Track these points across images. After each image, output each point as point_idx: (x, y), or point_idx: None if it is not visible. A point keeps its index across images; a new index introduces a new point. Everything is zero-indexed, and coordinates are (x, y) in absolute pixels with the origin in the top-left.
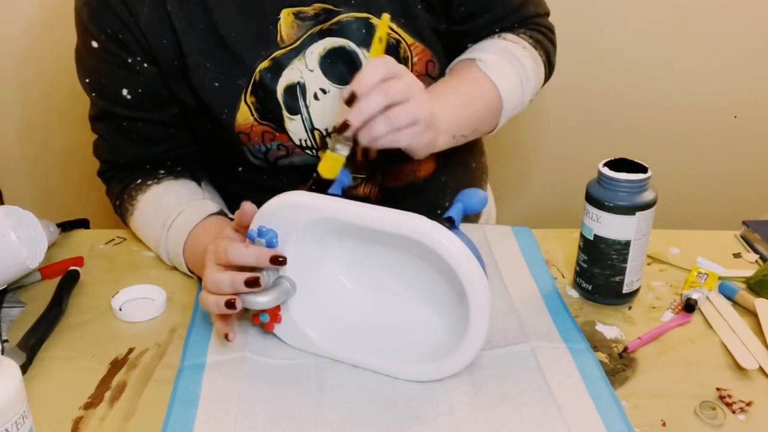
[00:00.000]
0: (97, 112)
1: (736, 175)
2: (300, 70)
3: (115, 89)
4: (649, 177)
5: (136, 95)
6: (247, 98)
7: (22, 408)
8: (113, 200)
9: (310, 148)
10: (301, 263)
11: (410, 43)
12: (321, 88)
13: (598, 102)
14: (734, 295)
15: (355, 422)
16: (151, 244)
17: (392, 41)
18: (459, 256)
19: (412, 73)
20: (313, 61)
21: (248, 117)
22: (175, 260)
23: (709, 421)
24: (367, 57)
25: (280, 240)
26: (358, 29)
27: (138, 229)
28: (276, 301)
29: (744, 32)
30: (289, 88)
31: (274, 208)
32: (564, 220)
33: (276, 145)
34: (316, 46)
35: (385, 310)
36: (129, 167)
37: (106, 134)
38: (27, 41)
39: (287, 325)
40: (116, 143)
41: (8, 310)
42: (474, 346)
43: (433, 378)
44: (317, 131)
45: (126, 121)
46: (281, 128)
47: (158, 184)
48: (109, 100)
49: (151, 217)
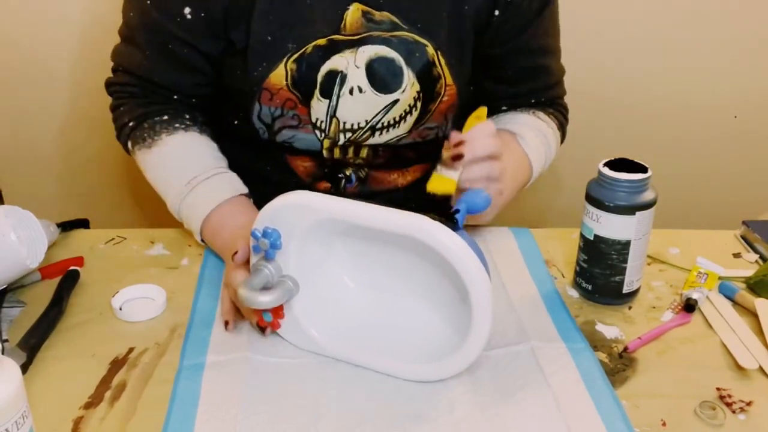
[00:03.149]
0: (143, 21)
1: (736, 175)
2: (348, 62)
3: (178, 4)
4: (649, 177)
5: (197, 17)
6: (288, 63)
7: (23, 408)
8: (125, 119)
9: (322, 129)
10: (305, 263)
11: (448, 83)
12: (359, 86)
13: (598, 102)
14: (734, 295)
15: (355, 422)
16: (159, 188)
17: (436, 74)
18: (461, 256)
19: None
20: (362, 60)
21: (282, 79)
22: (186, 219)
23: (709, 421)
24: (409, 78)
25: (284, 239)
26: (413, 50)
27: (151, 166)
28: (279, 300)
29: (744, 32)
30: (331, 73)
31: (278, 208)
32: (564, 220)
33: (292, 113)
34: (370, 47)
35: (388, 310)
36: (155, 92)
37: (147, 47)
38: (27, 41)
39: (290, 324)
40: (154, 60)
41: (8, 310)
42: (476, 346)
43: (434, 378)
44: (336, 119)
45: (174, 42)
46: (306, 103)
47: (185, 132)
48: (167, 13)
49: (175, 165)
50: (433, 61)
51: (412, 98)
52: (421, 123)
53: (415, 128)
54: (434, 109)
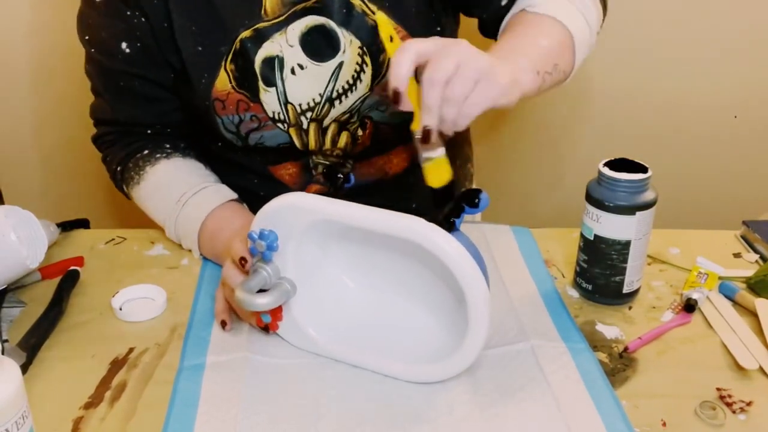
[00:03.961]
0: (96, 70)
1: (736, 175)
2: (280, 44)
3: (114, 43)
4: (649, 177)
5: (135, 50)
6: (227, 65)
7: (23, 408)
8: (113, 166)
9: (282, 121)
10: (303, 264)
11: (394, 27)
12: (299, 64)
13: (598, 102)
14: (734, 295)
15: (355, 422)
16: (156, 216)
17: (372, 23)
18: (457, 259)
19: None
20: (294, 37)
21: (226, 84)
22: (183, 236)
23: (709, 421)
24: (345, 37)
25: (281, 241)
26: (339, 9)
27: (143, 199)
28: (276, 302)
29: (744, 32)
30: (267, 60)
31: (274, 210)
32: (564, 220)
33: (249, 116)
34: (298, 23)
35: (386, 311)
36: (130, 132)
37: (105, 92)
38: (27, 41)
39: (289, 324)
40: (114, 101)
41: (8, 310)
42: (473, 349)
43: (432, 380)
44: (290, 105)
45: (124, 78)
46: (256, 98)
47: (167, 159)
48: (108, 54)
49: (163, 190)
50: (363, 12)
51: (357, 56)
52: (381, 76)
53: (377, 83)
54: (388, 59)
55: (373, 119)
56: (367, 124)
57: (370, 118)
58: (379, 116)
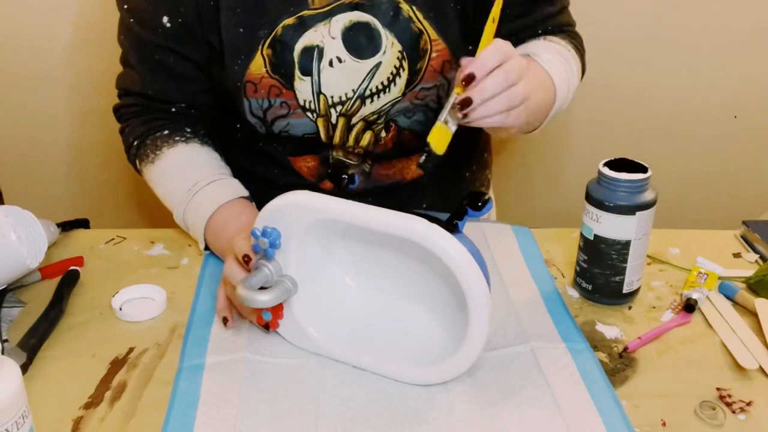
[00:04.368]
0: (131, 41)
1: (736, 175)
2: (322, 35)
3: (156, 15)
4: (649, 177)
5: (176, 24)
6: (264, 50)
7: (23, 408)
8: (131, 139)
9: (312, 110)
10: (305, 263)
11: (433, 38)
12: (338, 57)
13: (598, 102)
14: (734, 295)
15: (355, 422)
16: (165, 200)
17: (416, 30)
18: (458, 261)
19: (429, 67)
20: (337, 30)
21: (261, 68)
22: (191, 225)
23: (709, 421)
24: (388, 39)
25: (284, 239)
26: (386, 11)
27: (156, 180)
28: (276, 300)
29: (744, 32)
30: (307, 50)
31: (278, 207)
32: (564, 220)
33: (280, 101)
34: (343, 16)
35: (387, 312)
36: (154, 107)
37: (138, 63)
38: (27, 42)
39: (289, 323)
40: (146, 74)
41: (8, 310)
42: (473, 350)
43: (432, 382)
44: (323, 96)
45: (160, 52)
46: (289, 85)
47: (186, 144)
48: (147, 26)
49: (177, 175)
50: (410, 17)
51: (395, 59)
52: (414, 84)
53: (410, 90)
54: (424, 67)
55: (398, 124)
56: (392, 127)
57: (396, 122)
58: (405, 122)
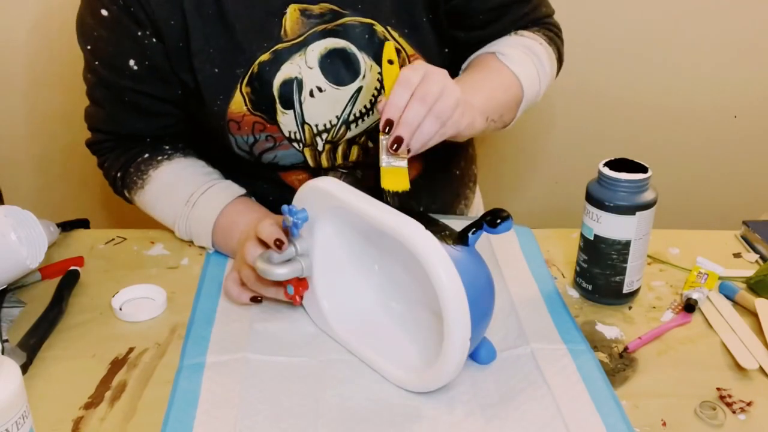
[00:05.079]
0: (97, 81)
1: (736, 175)
2: (299, 66)
3: (121, 59)
4: (649, 177)
5: (143, 67)
6: (242, 88)
7: (23, 408)
8: (113, 172)
9: (298, 141)
10: (327, 247)
11: (410, 54)
12: (317, 86)
13: (598, 102)
14: (734, 295)
15: (355, 422)
16: (164, 219)
17: (394, 50)
18: (437, 267)
19: None
20: (314, 59)
21: (242, 106)
22: (196, 235)
23: (709, 421)
24: (366, 62)
25: (310, 221)
26: (361, 34)
27: (149, 203)
28: (291, 273)
29: (743, 32)
30: (286, 83)
31: (307, 190)
32: (564, 220)
33: (264, 136)
34: (318, 44)
35: (388, 313)
36: (128, 139)
37: (105, 104)
38: (27, 42)
39: (310, 300)
40: (116, 114)
41: (8, 310)
42: (447, 369)
43: (412, 389)
44: (307, 125)
45: (129, 94)
46: (273, 120)
47: (170, 161)
48: (114, 70)
49: (170, 193)
50: (385, 38)
51: (376, 81)
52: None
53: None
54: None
55: None
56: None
57: None
58: None
